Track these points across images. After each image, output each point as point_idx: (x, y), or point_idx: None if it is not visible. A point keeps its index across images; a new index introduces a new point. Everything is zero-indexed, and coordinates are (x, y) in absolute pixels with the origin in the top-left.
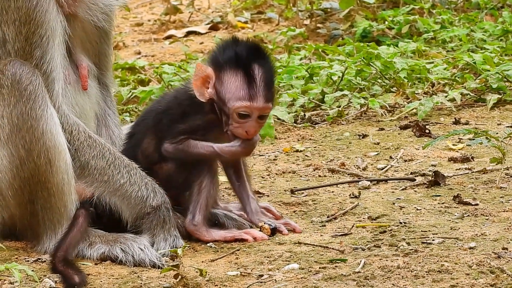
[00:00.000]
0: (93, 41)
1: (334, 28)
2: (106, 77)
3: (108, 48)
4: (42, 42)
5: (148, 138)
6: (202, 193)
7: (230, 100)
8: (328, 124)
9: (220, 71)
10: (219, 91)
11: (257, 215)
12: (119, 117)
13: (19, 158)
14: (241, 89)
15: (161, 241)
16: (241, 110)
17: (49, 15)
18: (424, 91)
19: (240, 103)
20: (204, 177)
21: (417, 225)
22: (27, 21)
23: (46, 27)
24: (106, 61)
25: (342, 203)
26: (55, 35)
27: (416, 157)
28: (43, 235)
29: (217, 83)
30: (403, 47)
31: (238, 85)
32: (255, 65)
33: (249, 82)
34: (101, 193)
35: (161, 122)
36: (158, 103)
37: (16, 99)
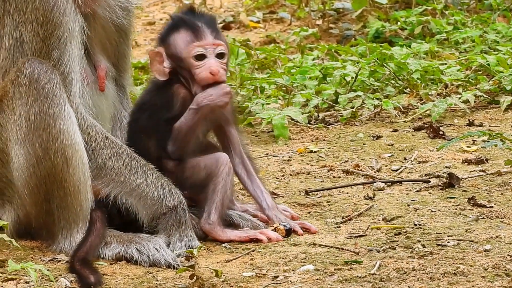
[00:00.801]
0: (112, 41)
1: (347, 29)
2: (124, 78)
3: (127, 48)
4: (60, 43)
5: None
6: (218, 193)
7: (183, 51)
8: (342, 125)
9: (166, 41)
10: (172, 55)
11: (274, 210)
12: None
13: (35, 156)
14: (185, 36)
15: (176, 241)
16: (194, 52)
17: (66, 16)
18: (438, 92)
19: (189, 46)
20: (220, 176)
21: (432, 227)
22: (44, 22)
23: (64, 28)
24: (125, 62)
25: (357, 205)
26: (73, 36)
27: (430, 159)
28: (58, 235)
29: (168, 52)
30: (416, 48)
31: (182, 36)
32: (190, 16)
33: (189, 28)
34: (118, 193)
35: (141, 118)
36: (133, 110)
37: (34, 97)
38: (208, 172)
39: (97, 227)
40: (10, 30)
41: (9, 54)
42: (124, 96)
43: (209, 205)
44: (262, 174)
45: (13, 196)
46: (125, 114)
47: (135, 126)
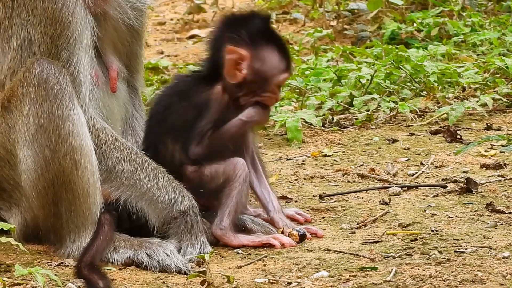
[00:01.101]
0: (124, 41)
1: (362, 30)
2: (136, 79)
3: (139, 49)
4: (69, 44)
5: (164, 143)
6: (233, 198)
7: (274, 75)
8: (357, 128)
9: (255, 49)
10: (258, 69)
11: (280, 213)
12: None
13: (44, 158)
14: (280, 61)
15: (188, 246)
16: (281, 81)
17: (76, 16)
18: (455, 95)
19: (283, 75)
20: (236, 182)
21: (449, 233)
22: (53, 23)
23: (73, 28)
24: (137, 63)
25: (372, 210)
26: (82, 36)
27: (447, 163)
28: (66, 239)
29: (254, 62)
30: (433, 50)
31: (277, 58)
32: (279, 35)
33: (283, 53)
34: (128, 197)
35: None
36: (157, 105)
37: (43, 98)
38: (226, 177)
39: (105, 231)
40: (19, 30)
41: (17, 54)
42: (136, 98)
43: (222, 210)
44: (276, 178)
45: (20, 199)
46: (137, 116)
47: (159, 127)
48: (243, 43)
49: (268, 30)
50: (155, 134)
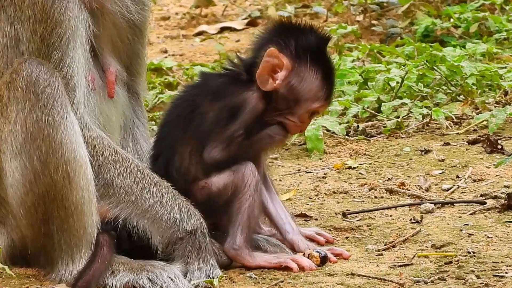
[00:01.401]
0: (125, 39)
1: (392, 26)
2: (137, 83)
3: (142, 48)
4: (62, 44)
5: (181, 153)
6: (244, 213)
7: (309, 100)
8: (385, 137)
9: (299, 64)
10: (293, 86)
11: (299, 234)
12: (148, 129)
13: (33, 171)
14: (322, 89)
15: (195, 270)
16: (315, 108)
17: (69, 12)
18: (496, 100)
19: (318, 103)
20: (246, 193)
21: (487, 255)
22: (43, 19)
23: (66, 26)
24: (139, 64)
25: (402, 229)
26: (76, 34)
27: (486, 177)
28: (58, 261)
29: (292, 77)
30: (472, 48)
31: (319, 84)
32: (331, 60)
33: (328, 81)
34: (128, 215)
35: (198, 130)
36: (180, 105)
37: (32, 103)
38: (234, 188)
39: (103, 253)
40: (4, 27)
41: (3, 54)
42: (137, 103)
43: (234, 226)
44: (293, 194)
45: (6, 216)
46: (138, 123)
47: (179, 133)
48: (288, 52)
49: (321, 51)
50: (170, 142)
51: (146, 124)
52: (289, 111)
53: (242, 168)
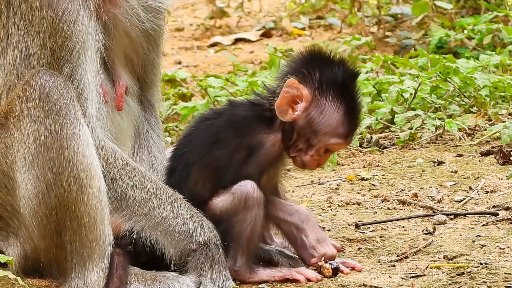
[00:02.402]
0: (139, 49)
1: (406, 37)
2: (152, 94)
3: (157, 57)
4: (72, 57)
5: (196, 179)
6: (245, 236)
7: (327, 134)
8: (398, 149)
9: (320, 97)
10: (312, 119)
11: (310, 249)
12: (163, 141)
13: (45, 182)
14: (342, 125)
15: (208, 282)
16: (333, 146)
17: (78, 25)
18: (509, 112)
19: (336, 140)
20: (248, 210)
21: (500, 267)
22: (52, 33)
23: (76, 39)
24: (154, 74)
25: (414, 240)
26: (86, 47)
27: (499, 188)
28: (71, 272)
29: (312, 109)
30: (485, 60)
31: (339, 120)
32: (358, 98)
33: (350, 118)
34: (141, 227)
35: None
36: (203, 130)
37: (45, 114)
38: (234, 211)
39: (119, 272)
40: (15, 41)
41: (14, 68)
42: (152, 114)
43: (235, 248)
44: (306, 205)
45: (19, 227)
46: (153, 135)
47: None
48: (310, 83)
49: (347, 86)
50: (187, 162)
51: (161, 135)
52: (307, 143)
53: (243, 189)
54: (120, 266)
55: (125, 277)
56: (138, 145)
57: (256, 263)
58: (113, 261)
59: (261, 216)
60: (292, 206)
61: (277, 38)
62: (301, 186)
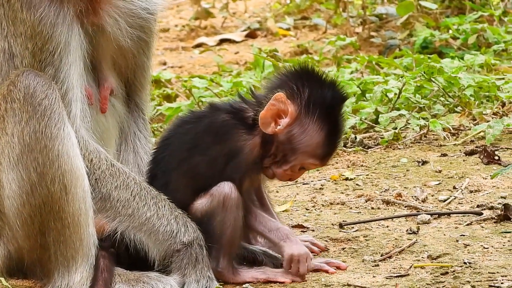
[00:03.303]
0: (127, 54)
1: (390, 37)
2: (140, 96)
3: (147, 60)
4: (54, 59)
5: (177, 185)
6: (225, 238)
7: (305, 154)
8: (382, 149)
9: (305, 116)
10: (294, 136)
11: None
12: (151, 143)
13: (30, 182)
14: (322, 147)
15: (192, 282)
16: (308, 165)
17: (58, 27)
18: (493, 111)
19: (313, 160)
20: (228, 212)
21: (484, 266)
22: (33, 36)
23: (57, 41)
24: (143, 76)
25: (398, 240)
26: (68, 50)
27: (483, 188)
28: (54, 273)
29: (295, 127)
30: (470, 60)
31: (320, 141)
32: (341, 122)
33: (330, 141)
34: (125, 228)
35: (194, 170)
36: (182, 134)
37: (29, 115)
38: (214, 214)
39: (104, 276)
40: None
41: None
42: (140, 116)
43: (217, 250)
44: (290, 205)
45: (3, 228)
46: (140, 136)
47: (178, 164)
48: (298, 100)
49: (333, 109)
50: (166, 167)
51: (148, 136)
52: (284, 158)
53: (221, 191)
54: (106, 269)
55: (110, 279)
56: (125, 146)
57: (239, 263)
58: (98, 264)
59: (241, 217)
60: (273, 223)
61: (262, 39)
62: (285, 186)
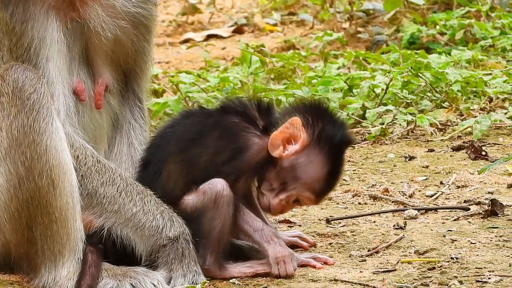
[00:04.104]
0: (127, 42)
1: (377, 33)
2: (139, 83)
3: (147, 45)
4: (31, 55)
5: (170, 172)
6: (215, 230)
7: (305, 185)
8: (369, 144)
9: (314, 147)
10: (298, 165)
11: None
12: (148, 132)
13: (17, 176)
14: (321, 182)
15: (179, 277)
16: (304, 199)
17: (32, 23)
18: (481, 107)
19: (310, 194)
20: (218, 209)
21: (471, 261)
22: (7, 32)
23: (31, 37)
24: (144, 61)
25: (385, 235)
26: (45, 46)
27: (470, 183)
28: (41, 267)
29: (302, 155)
30: (457, 55)
31: (321, 176)
32: (343, 164)
33: (330, 179)
34: (112, 224)
35: (194, 159)
36: (188, 125)
37: (18, 109)
38: (204, 210)
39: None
40: None
41: None
42: (136, 104)
43: (205, 247)
44: None
45: None
46: (136, 126)
47: (176, 155)
48: (311, 131)
49: (340, 149)
50: (163, 155)
51: (144, 125)
52: (282, 186)
53: (213, 188)
54: (93, 264)
55: (97, 274)
56: (119, 138)
57: (226, 258)
58: (86, 259)
59: (231, 215)
60: (258, 223)
61: (249, 34)
62: None
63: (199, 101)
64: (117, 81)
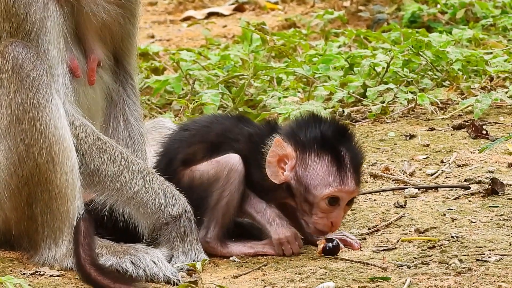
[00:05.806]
0: (114, 23)
1: (378, 12)
2: (128, 61)
3: (133, 28)
4: (31, 38)
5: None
6: (220, 209)
7: (318, 187)
8: (370, 122)
9: (303, 153)
10: (301, 176)
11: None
12: (141, 108)
13: (17, 154)
14: (330, 173)
15: (180, 255)
16: (331, 195)
17: (32, 7)
18: (481, 86)
19: (330, 188)
20: (228, 183)
21: (471, 240)
22: (8, 17)
23: (32, 20)
24: (130, 44)
25: (386, 213)
26: (45, 28)
27: (471, 162)
28: (41, 244)
29: (298, 167)
30: (458, 34)
31: (326, 169)
32: (343, 146)
33: (338, 165)
34: (114, 202)
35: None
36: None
37: (17, 86)
38: (215, 180)
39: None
40: None
41: None
42: (128, 82)
43: (209, 219)
44: None
45: None
46: (130, 102)
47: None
48: (291, 141)
49: (330, 137)
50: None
51: (137, 103)
52: (307, 203)
53: (228, 160)
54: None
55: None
56: (115, 115)
57: (228, 236)
58: (79, 228)
59: (240, 192)
60: (261, 204)
61: (250, 12)
62: None
63: (199, 78)
64: (108, 57)
